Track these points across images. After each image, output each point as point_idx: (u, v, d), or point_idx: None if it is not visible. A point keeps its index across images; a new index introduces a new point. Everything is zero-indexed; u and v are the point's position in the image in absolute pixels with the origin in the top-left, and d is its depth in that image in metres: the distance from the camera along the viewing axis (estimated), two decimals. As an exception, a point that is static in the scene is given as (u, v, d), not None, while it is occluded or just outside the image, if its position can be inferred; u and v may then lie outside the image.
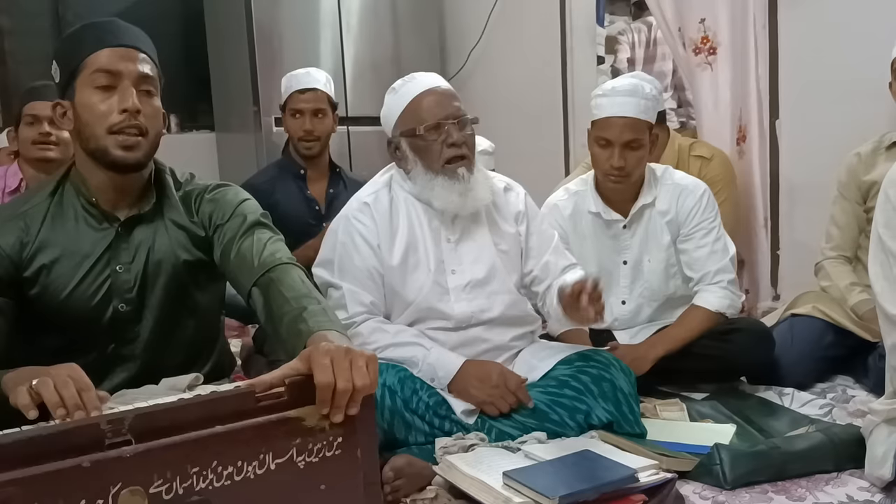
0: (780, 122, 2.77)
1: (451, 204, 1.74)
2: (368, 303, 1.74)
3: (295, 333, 1.18)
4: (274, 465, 0.93)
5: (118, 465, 0.84)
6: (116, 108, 1.32)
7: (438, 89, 1.77)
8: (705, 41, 2.91)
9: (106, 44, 1.34)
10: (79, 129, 1.36)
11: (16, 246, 1.35)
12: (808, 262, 2.41)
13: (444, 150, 1.72)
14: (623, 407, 1.68)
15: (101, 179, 1.39)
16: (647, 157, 2.06)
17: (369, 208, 1.78)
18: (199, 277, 1.48)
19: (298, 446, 0.95)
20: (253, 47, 3.69)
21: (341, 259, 1.76)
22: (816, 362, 2.14)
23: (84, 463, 0.82)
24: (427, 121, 1.72)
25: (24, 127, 2.47)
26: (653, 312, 2.17)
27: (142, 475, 0.85)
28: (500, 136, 3.11)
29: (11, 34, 3.74)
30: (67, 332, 1.40)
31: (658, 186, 2.12)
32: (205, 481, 0.89)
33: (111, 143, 1.34)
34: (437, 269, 1.76)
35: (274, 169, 2.76)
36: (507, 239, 1.84)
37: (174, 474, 0.87)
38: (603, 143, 2.02)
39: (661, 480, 1.40)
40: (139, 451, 0.85)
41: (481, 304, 1.78)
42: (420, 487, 1.48)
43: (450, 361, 1.70)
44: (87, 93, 1.33)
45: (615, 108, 2.00)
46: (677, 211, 2.09)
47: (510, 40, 3.96)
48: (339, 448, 0.97)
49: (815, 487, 1.48)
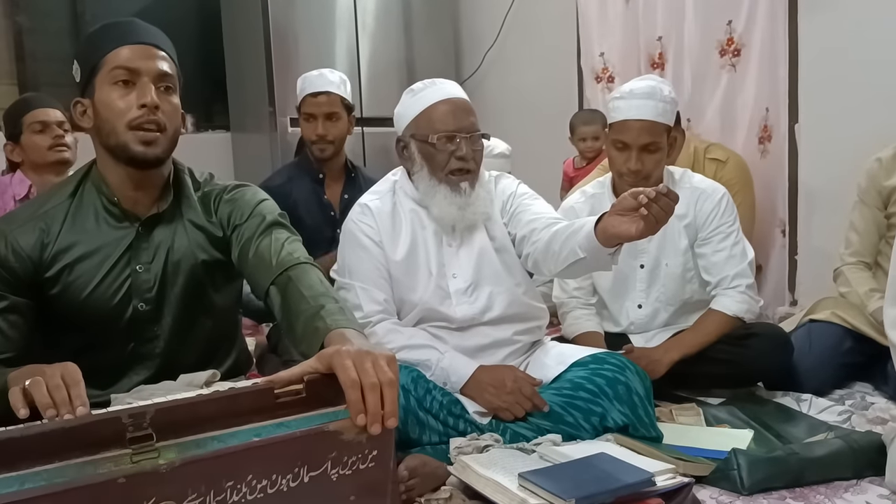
0: (800, 125, 2.75)
1: (449, 215, 1.76)
2: (382, 300, 1.76)
3: (312, 331, 1.18)
4: (307, 479, 0.92)
5: (153, 480, 0.83)
6: (135, 104, 1.33)
7: (457, 100, 1.78)
8: (730, 42, 2.91)
9: (125, 41, 1.35)
10: (98, 125, 1.36)
11: (36, 247, 1.35)
12: (827, 268, 2.39)
13: (451, 160, 1.74)
14: (639, 410, 1.67)
15: (121, 177, 1.39)
16: (664, 159, 2.05)
17: (370, 210, 1.82)
18: (217, 277, 1.48)
19: (334, 459, 0.93)
20: (269, 48, 3.71)
21: (350, 261, 1.80)
22: (835, 368, 2.11)
23: (119, 479, 0.81)
24: (440, 130, 1.74)
25: (33, 135, 2.55)
26: (669, 316, 2.16)
27: (176, 489, 0.84)
28: (515, 139, 3.11)
29: (31, 33, 3.78)
30: (87, 331, 1.41)
31: (676, 190, 2.09)
32: (238, 494, 0.87)
33: (131, 139, 1.34)
34: (438, 273, 1.78)
35: (291, 170, 2.74)
36: (499, 232, 1.83)
37: (208, 488, 0.86)
38: (620, 145, 2.01)
39: (677, 485, 1.39)
40: (175, 465, 0.84)
41: (482, 305, 1.79)
42: (434, 487, 1.47)
43: (463, 366, 1.71)
44: (107, 90, 1.34)
45: (633, 111, 1.99)
46: (695, 214, 2.08)
47: (526, 42, 3.96)
48: (372, 461, 0.96)
49: (834, 494, 1.46)
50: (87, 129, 1.40)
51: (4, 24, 3.76)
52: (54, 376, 1.01)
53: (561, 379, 1.75)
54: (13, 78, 3.76)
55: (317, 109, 2.61)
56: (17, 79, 3.75)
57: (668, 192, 1.43)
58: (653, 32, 3.28)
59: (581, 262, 1.61)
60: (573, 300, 2.21)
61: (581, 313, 2.18)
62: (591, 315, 2.19)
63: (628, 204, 1.47)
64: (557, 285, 2.27)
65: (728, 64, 2.98)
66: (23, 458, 0.79)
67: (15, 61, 3.76)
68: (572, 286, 2.21)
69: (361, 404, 0.93)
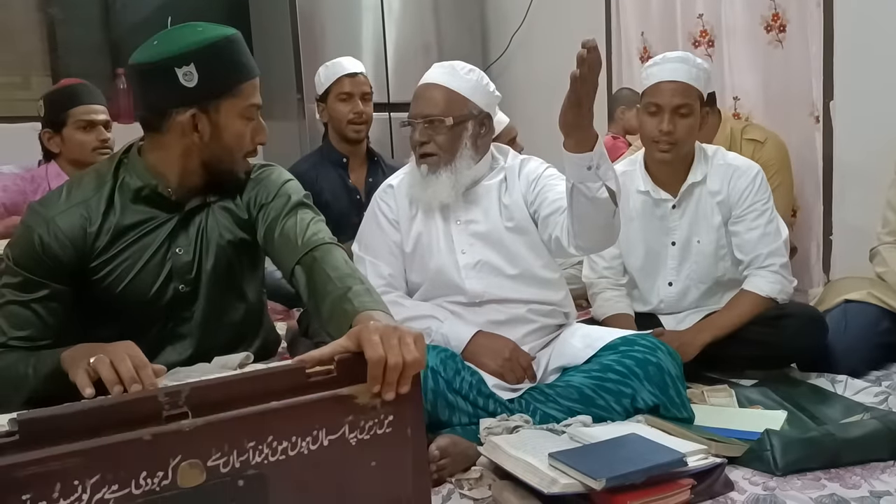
0: (835, 103, 2.69)
1: (414, 192, 1.84)
2: (387, 275, 1.83)
3: (341, 313, 1.19)
4: (327, 442, 0.94)
5: (178, 439, 0.86)
6: (254, 138, 1.42)
7: (426, 85, 1.83)
8: (776, 18, 2.88)
9: (254, 73, 1.41)
10: (212, 146, 1.38)
11: (80, 234, 1.36)
12: (862, 248, 2.34)
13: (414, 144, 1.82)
14: (670, 390, 1.66)
15: (192, 180, 1.42)
16: (696, 128, 2.02)
17: (393, 190, 1.90)
18: (243, 258, 1.51)
19: (350, 423, 0.96)
20: (296, 35, 3.72)
21: (366, 234, 1.90)
22: (871, 349, 2.07)
23: (145, 436, 0.84)
24: (409, 115, 1.82)
25: (77, 131, 2.51)
26: (700, 296, 2.14)
27: (201, 448, 0.87)
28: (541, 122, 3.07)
29: (63, 24, 3.83)
30: (125, 313, 1.42)
31: (709, 166, 2.08)
32: (260, 455, 0.90)
33: (241, 168, 1.44)
34: (447, 249, 1.82)
35: (315, 156, 2.77)
36: (517, 213, 1.83)
37: (231, 448, 0.88)
38: (653, 109, 2.01)
39: (710, 465, 1.38)
40: (198, 424, 0.86)
41: (491, 281, 1.81)
42: (465, 468, 1.48)
43: (462, 331, 1.76)
44: (237, 121, 1.38)
45: (665, 73, 2.00)
46: (729, 192, 2.06)
47: (553, 23, 3.91)
48: (389, 426, 0.98)
49: (871, 475, 1.44)
50: (190, 138, 1.37)
51: (37, 16, 3.82)
52: (119, 353, 1.03)
53: (591, 361, 1.75)
54: (47, 69, 3.82)
55: (355, 88, 2.65)
56: (50, 69, 3.81)
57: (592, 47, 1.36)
58: (692, 10, 3.24)
59: (576, 197, 1.56)
60: (603, 280, 2.20)
61: (611, 295, 2.17)
62: (622, 297, 2.17)
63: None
64: (587, 265, 2.26)
65: (775, 40, 2.93)
66: (63, 436, 0.81)
67: (48, 52, 3.82)
68: (602, 266, 2.20)
69: (381, 378, 0.96)
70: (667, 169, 2.07)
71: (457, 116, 1.78)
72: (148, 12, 3.83)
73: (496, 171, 1.88)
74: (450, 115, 1.77)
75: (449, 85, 1.80)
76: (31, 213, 1.37)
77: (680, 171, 2.07)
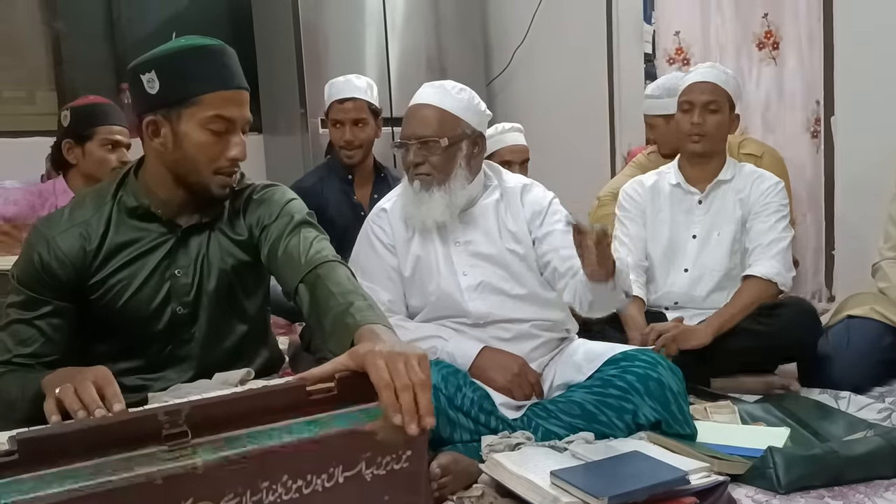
0: (836, 118, 2.69)
1: (407, 211, 1.82)
2: (386, 301, 1.80)
3: (342, 328, 1.19)
4: (342, 479, 0.93)
5: (190, 480, 0.84)
6: (226, 154, 1.35)
7: (417, 106, 1.81)
8: (769, 36, 2.93)
9: (223, 85, 1.33)
10: (176, 158, 1.36)
11: (79, 253, 1.37)
12: (864, 263, 2.34)
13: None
14: (672, 406, 1.65)
15: (173, 194, 1.41)
16: (726, 126, 2.22)
17: (386, 214, 1.88)
18: (247, 280, 1.50)
19: (368, 460, 0.94)
20: (300, 50, 3.73)
21: (361, 260, 1.86)
22: (874, 365, 2.07)
23: (157, 480, 0.83)
24: (401, 136, 1.80)
25: (101, 148, 2.49)
26: (712, 286, 2.23)
27: (213, 489, 0.85)
28: (544, 137, 3.10)
29: (68, 39, 3.85)
30: (125, 334, 1.43)
31: (736, 174, 2.28)
32: (273, 494, 0.89)
33: (214, 183, 1.38)
34: (448, 271, 1.81)
35: (321, 171, 2.78)
36: (519, 238, 1.84)
37: (245, 488, 0.87)
38: (686, 106, 2.22)
39: (712, 483, 1.37)
40: (211, 465, 0.85)
41: (494, 302, 1.80)
42: (466, 485, 1.48)
43: (468, 347, 1.76)
44: (199, 131, 1.33)
45: (698, 76, 2.24)
46: (751, 191, 2.23)
47: (555, 39, 3.93)
48: (407, 461, 0.97)
49: (875, 493, 1.43)
50: (152, 146, 1.37)
51: (42, 29, 3.84)
52: (83, 380, 1.03)
53: (592, 377, 1.74)
54: (52, 84, 3.84)
55: (343, 116, 2.65)
56: (55, 84, 3.83)
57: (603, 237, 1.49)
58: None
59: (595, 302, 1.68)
60: None
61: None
62: (636, 281, 2.22)
63: None
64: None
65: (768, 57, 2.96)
66: (62, 455, 0.81)
67: (53, 67, 3.84)
68: (622, 254, 2.26)
69: (397, 404, 0.93)
70: (699, 168, 2.27)
71: (451, 137, 1.77)
72: (153, 28, 3.85)
73: (490, 189, 1.88)
74: (444, 135, 1.76)
75: (441, 105, 1.79)
76: (35, 232, 1.39)
77: (709, 172, 2.27)
